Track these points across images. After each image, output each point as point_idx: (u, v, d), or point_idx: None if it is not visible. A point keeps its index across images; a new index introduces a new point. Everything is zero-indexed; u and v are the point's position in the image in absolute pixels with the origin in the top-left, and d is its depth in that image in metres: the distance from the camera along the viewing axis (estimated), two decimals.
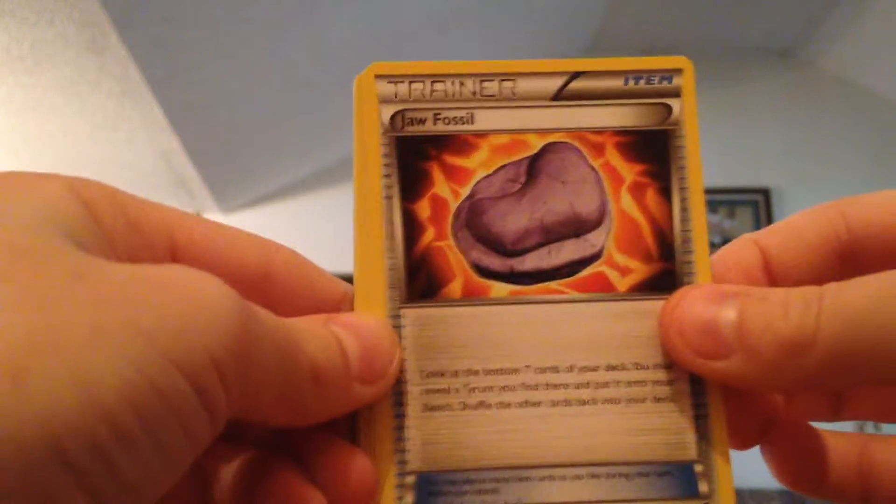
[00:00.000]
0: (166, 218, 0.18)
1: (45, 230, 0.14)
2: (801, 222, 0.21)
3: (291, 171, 1.91)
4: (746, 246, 0.21)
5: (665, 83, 0.21)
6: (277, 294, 0.19)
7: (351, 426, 0.20)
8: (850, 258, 0.20)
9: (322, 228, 1.60)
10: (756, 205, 1.97)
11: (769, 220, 1.96)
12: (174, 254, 0.18)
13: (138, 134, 1.47)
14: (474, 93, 0.21)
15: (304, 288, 0.20)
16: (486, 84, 0.21)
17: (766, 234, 0.21)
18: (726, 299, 0.19)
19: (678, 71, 0.22)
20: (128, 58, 1.21)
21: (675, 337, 0.19)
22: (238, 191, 1.88)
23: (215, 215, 1.91)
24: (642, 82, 0.21)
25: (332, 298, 0.20)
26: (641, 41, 1.98)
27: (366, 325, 0.19)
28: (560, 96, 0.21)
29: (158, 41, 1.24)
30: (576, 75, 0.21)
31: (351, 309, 0.21)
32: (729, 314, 0.18)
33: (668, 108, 0.21)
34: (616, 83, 0.21)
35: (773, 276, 0.21)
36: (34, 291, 0.13)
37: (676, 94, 0.22)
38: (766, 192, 1.97)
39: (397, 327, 0.20)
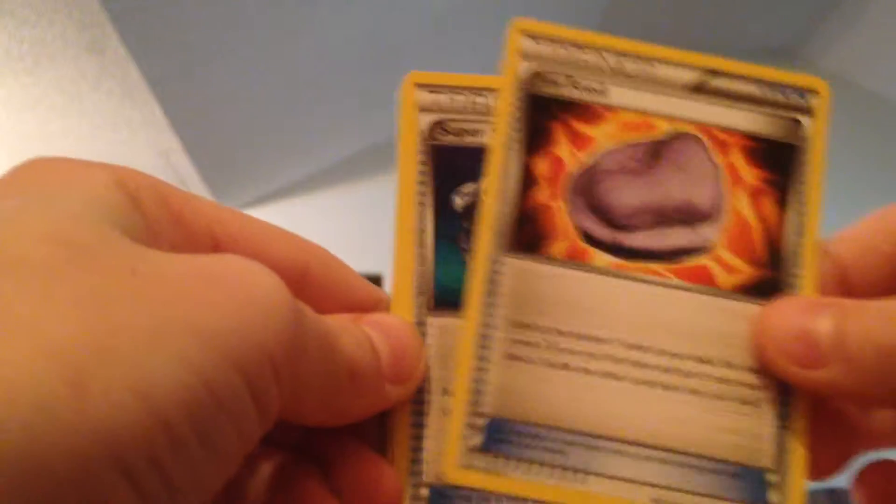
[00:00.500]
0: (207, 212, 0.18)
1: (97, 222, 0.14)
2: (874, 230, 0.21)
3: (291, 171, 1.91)
4: (823, 261, 0.21)
5: (798, 99, 0.22)
6: (314, 294, 0.19)
7: (379, 434, 0.20)
8: None
9: (322, 228, 1.60)
10: None
11: None
12: (216, 248, 0.18)
13: (138, 134, 1.47)
14: (613, 69, 0.22)
15: (340, 290, 0.20)
16: (625, 62, 0.22)
17: (839, 245, 0.21)
18: (823, 309, 0.19)
19: (813, 91, 0.22)
20: (128, 58, 1.20)
21: (769, 344, 0.19)
22: (238, 191, 1.87)
23: None
24: (778, 94, 0.22)
25: (367, 303, 0.20)
26: (641, 41, 1.98)
27: (394, 326, 0.19)
28: (697, 89, 0.22)
29: (158, 41, 1.23)
30: (715, 73, 0.22)
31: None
32: (825, 323, 0.18)
33: (799, 124, 0.22)
34: (752, 89, 0.22)
35: (850, 289, 0.20)
36: (92, 290, 0.12)
37: (809, 112, 0.22)
38: None
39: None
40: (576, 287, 0.20)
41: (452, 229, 0.21)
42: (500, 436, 0.19)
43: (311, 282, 0.19)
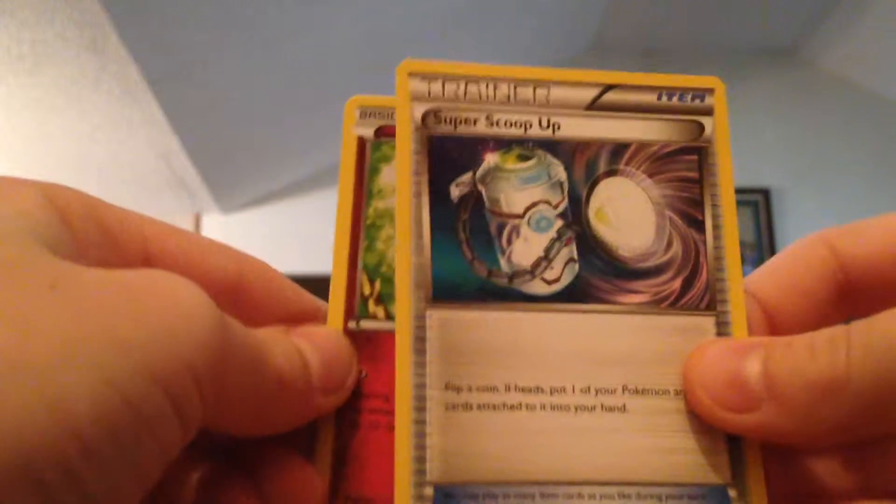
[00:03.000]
0: (140, 226, 0.18)
1: (19, 237, 0.14)
2: (794, 267, 0.20)
3: (291, 171, 1.91)
4: (748, 302, 0.21)
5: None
6: (248, 306, 0.19)
7: (309, 441, 0.20)
8: (850, 295, 0.20)
9: (322, 229, 1.60)
10: (756, 205, 1.96)
11: (769, 220, 1.96)
12: (147, 262, 0.18)
13: (138, 134, 1.47)
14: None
15: (275, 301, 0.20)
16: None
17: (761, 284, 0.21)
18: (749, 351, 0.18)
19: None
20: (128, 58, 1.21)
21: (700, 393, 0.19)
22: (238, 191, 1.87)
23: (215, 215, 1.91)
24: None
25: (304, 313, 0.21)
26: (642, 41, 1.98)
27: (324, 337, 0.19)
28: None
29: (158, 41, 1.24)
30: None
31: (324, 323, 0.21)
32: (754, 365, 0.18)
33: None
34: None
35: (777, 329, 0.20)
36: (7, 304, 0.12)
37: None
38: (766, 192, 1.97)
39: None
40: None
41: (449, 220, 0.21)
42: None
43: (245, 294, 0.19)
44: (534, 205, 0.21)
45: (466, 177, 0.21)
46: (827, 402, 0.17)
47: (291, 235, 1.84)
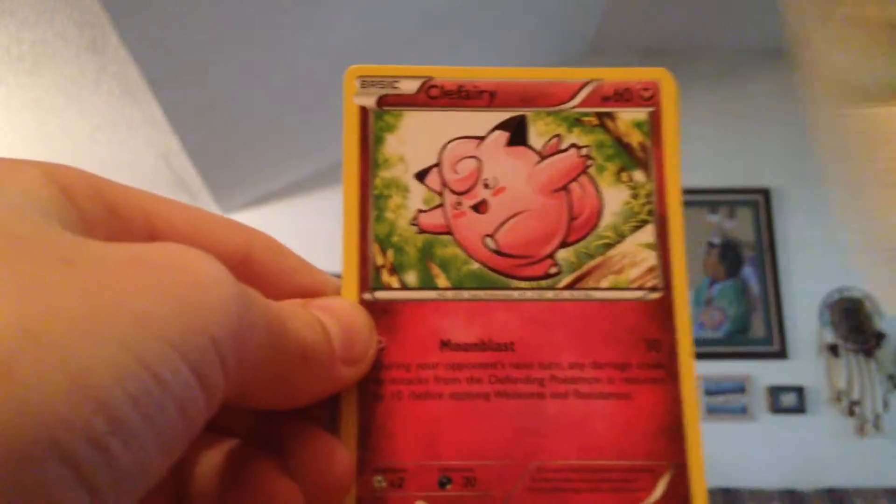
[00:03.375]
0: (144, 202, 0.18)
1: (30, 214, 0.14)
2: None
3: (291, 171, 1.91)
4: None
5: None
6: (257, 280, 0.19)
7: (332, 415, 0.20)
8: None
9: (322, 228, 1.60)
10: (756, 205, 1.96)
11: (769, 220, 1.96)
12: (153, 238, 0.18)
13: (138, 134, 1.47)
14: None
15: (284, 275, 0.20)
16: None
17: None
18: None
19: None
20: (128, 58, 1.21)
21: None
22: (238, 191, 1.88)
23: None
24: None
25: (315, 287, 0.20)
26: (640, 42, 1.98)
27: (344, 308, 0.19)
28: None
29: (158, 41, 1.24)
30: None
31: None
32: None
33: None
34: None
35: None
36: (23, 276, 0.12)
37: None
38: (766, 192, 1.97)
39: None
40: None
41: None
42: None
43: (254, 268, 0.19)
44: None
45: None
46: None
47: (291, 235, 1.83)
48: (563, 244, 0.21)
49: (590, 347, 0.20)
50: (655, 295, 0.20)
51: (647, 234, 0.21)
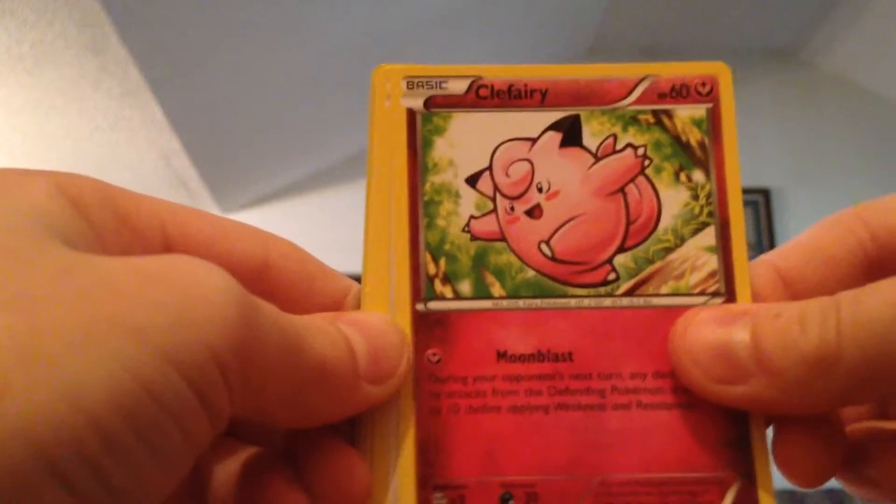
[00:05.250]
0: (158, 211, 0.17)
1: (30, 229, 0.13)
2: (820, 236, 0.20)
3: (291, 171, 1.91)
4: (760, 271, 0.20)
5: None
6: (276, 288, 0.19)
7: (351, 428, 0.19)
8: (878, 267, 0.19)
9: (322, 228, 1.60)
10: (756, 205, 1.96)
11: (769, 221, 1.96)
12: (168, 248, 0.17)
13: (138, 134, 1.47)
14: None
15: (304, 282, 0.19)
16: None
17: (784, 255, 0.20)
18: (736, 319, 0.18)
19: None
20: (128, 58, 1.20)
21: (688, 364, 0.18)
22: (238, 191, 1.87)
23: None
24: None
25: (334, 295, 0.20)
26: (642, 41, 1.98)
27: (374, 323, 0.18)
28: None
29: (158, 41, 1.23)
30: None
31: (357, 307, 0.20)
32: (741, 335, 0.17)
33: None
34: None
35: (798, 297, 0.19)
36: (16, 292, 0.12)
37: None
38: (766, 192, 1.97)
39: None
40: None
41: None
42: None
43: (272, 275, 0.19)
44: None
45: None
46: (820, 377, 0.16)
47: (292, 235, 1.83)
48: (621, 249, 0.20)
49: (651, 356, 0.19)
50: (717, 300, 0.20)
51: (708, 236, 0.20)
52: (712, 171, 0.21)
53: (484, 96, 0.21)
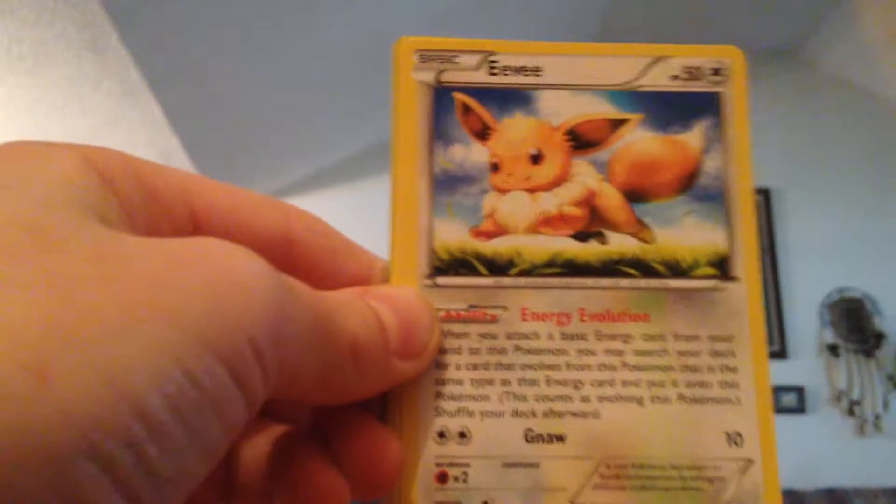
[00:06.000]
0: (183, 183, 0.17)
1: (62, 205, 0.13)
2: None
3: (291, 171, 1.91)
4: None
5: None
6: (301, 261, 0.19)
7: (382, 404, 0.19)
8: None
9: None
10: (756, 205, 1.96)
11: (769, 221, 1.96)
12: (194, 221, 0.17)
13: (138, 134, 1.47)
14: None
15: (327, 256, 0.19)
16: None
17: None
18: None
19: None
20: (128, 58, 1.21)
21: None
22: None
23: None
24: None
25: (360, 269, 0.20)
26: (642, 41, 1.99)
27: (403, 298, 0.18)
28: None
29: (158, 41, 1.24)
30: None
31: (384, 281, 0.20)
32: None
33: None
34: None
35: None
36: (53, 274, 0.12)
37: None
38: (766, 193, 1.97)
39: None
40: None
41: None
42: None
43: (296, 249, 0.19)
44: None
45: None
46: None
47: None
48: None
49: None
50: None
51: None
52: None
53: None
